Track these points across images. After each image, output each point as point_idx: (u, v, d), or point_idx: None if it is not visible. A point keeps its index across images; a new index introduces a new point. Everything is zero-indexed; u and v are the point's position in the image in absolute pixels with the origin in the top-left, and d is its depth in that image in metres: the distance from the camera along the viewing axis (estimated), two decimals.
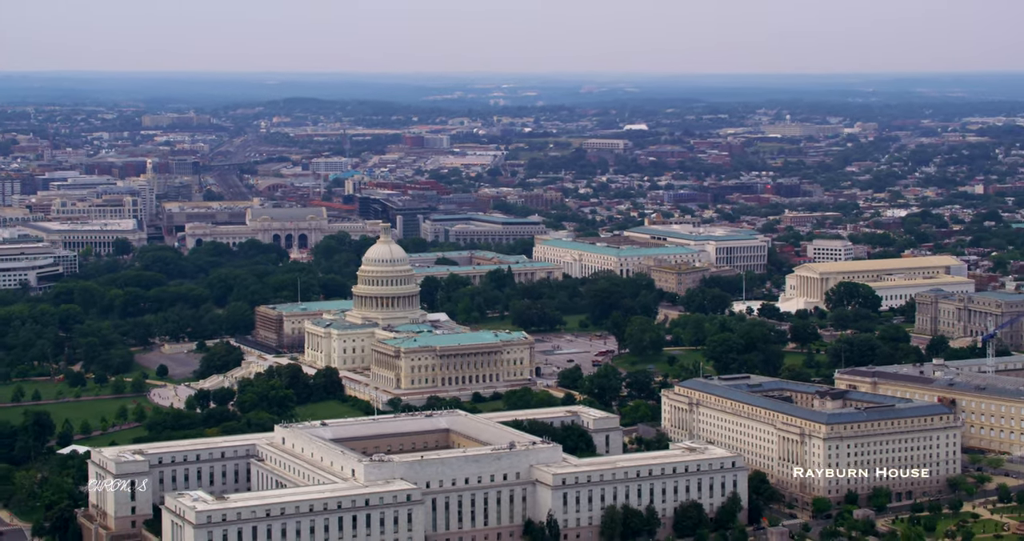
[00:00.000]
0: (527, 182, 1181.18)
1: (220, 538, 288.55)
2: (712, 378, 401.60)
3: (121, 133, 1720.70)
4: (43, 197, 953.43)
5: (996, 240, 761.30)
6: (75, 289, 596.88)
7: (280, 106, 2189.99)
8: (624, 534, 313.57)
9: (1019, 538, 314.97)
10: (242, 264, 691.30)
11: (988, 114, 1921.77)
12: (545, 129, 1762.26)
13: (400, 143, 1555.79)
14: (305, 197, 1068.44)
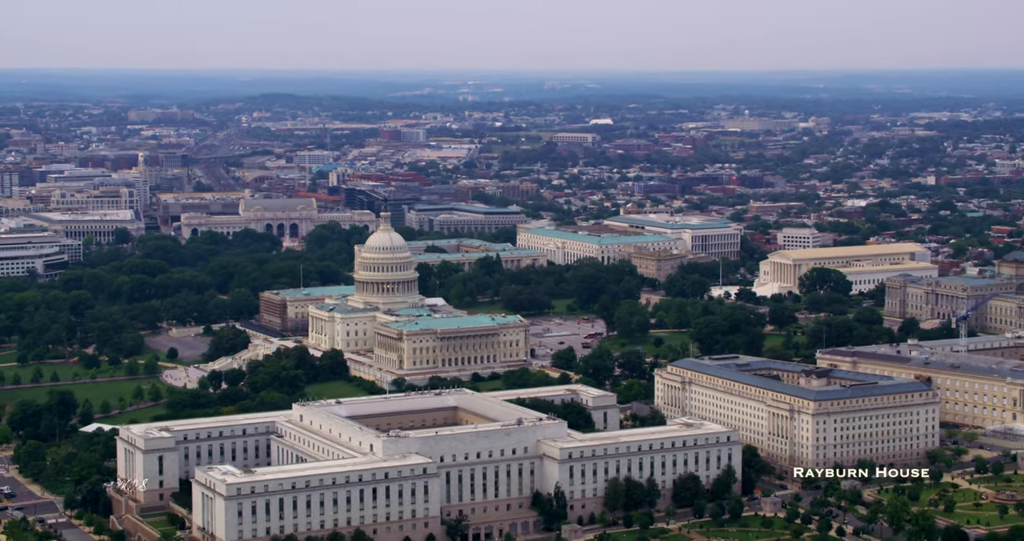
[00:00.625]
0: (502, 174, 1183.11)
1: (249, 509, 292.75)
2: (703, 358, 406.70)
3: (108, 128, 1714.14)
4: (42, 189, 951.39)
5: (954, 228, 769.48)
6: (83, 276, 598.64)
7: (259, 101, 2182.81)
8: (627, 505, 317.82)
9: (997, 507, 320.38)
10: (239, 252, 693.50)
11: (933, 109, 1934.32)
12: (515, 123, 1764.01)
13: (378, 137, 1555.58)
14: (291, 189, 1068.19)
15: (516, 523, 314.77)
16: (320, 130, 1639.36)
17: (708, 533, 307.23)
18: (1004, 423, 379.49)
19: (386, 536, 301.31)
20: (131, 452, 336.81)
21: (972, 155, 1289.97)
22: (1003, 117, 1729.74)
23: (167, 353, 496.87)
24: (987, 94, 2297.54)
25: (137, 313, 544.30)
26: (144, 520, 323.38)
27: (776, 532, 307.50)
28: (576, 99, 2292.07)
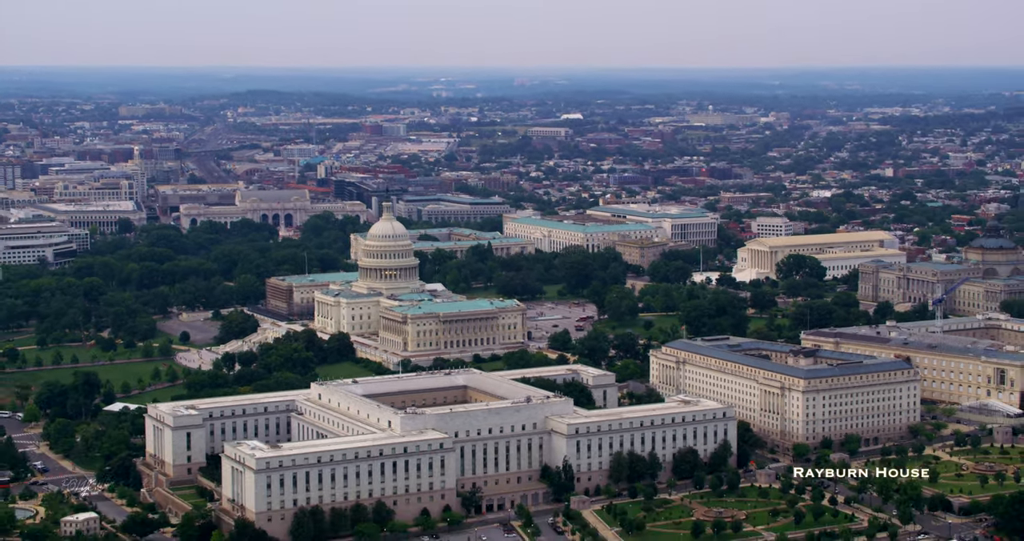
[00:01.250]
0: (482, 166, 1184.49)
1: (277, 482, 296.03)
2: (695, 339, 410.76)
3: (100, 123, 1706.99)
4: (45, 181, 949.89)
5: (917, 217, 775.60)
6: (94, 264, 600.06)
7: (243, 97, 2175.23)
8: (630, 477, 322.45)
9: (978, 477, 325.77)
10: (239, 241, 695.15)
11: (885, 105, 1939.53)
12: (489, 118, 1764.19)
13: (360, 131, 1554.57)
14: (281, 181, 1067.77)
15: (527, 495, 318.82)
16: (304, 125, 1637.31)
17: (708, 503, 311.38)
18: (979, 399, 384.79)
19: (405, 507, 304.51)
20: (160, 429, 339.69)
21: (926, 148, 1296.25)
22: (952, 112, 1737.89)
23: (179, 336, 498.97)
24: (936, 91, 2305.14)
25: (148, 299, 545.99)
26: (174, 493, 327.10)
27: (772, 502, 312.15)
28: (546, 95, 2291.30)
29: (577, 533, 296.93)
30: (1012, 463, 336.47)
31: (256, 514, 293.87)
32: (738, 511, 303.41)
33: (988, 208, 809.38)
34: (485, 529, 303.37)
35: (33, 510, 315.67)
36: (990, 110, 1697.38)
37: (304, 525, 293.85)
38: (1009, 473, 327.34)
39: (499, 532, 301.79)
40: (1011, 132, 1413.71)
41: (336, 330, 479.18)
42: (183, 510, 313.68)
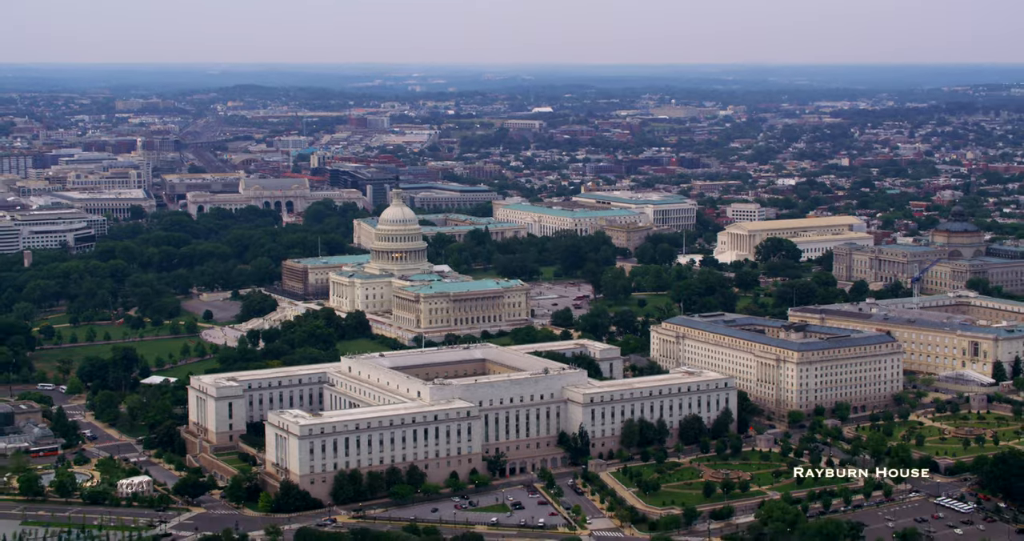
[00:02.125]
0: (464, 157, 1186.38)
1: (319, 447, 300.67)
2: (693, 316, 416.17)
3: (99, 116, 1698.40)
4: (58, 171, 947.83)
5: (878, 203, 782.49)
6: (116, 248, 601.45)
7: (231, 92, 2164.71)
8: (640, 442, 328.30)
9: (959, 440, 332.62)
10: (248, 227, 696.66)
11: (834, 99, 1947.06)
12: (465, 112, 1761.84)
13: (346, 124, 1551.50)
14: (277, 170, 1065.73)
15: (546, 459, 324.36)
16: (292, 118, 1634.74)
17: (715, 466, 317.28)
18: (955, 370, 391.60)
19: (436, 470, 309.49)
20: (203, 399, 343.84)
21: (877, 140, 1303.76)
22: (896, 106, 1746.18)
23: (203, 315, 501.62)
24: (879, 86, 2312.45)
25: (169, 280, 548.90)
26: (218, 458, 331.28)
27: (774, 464, 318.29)
28: (515, 89, 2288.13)
29: (596, 494, 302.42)
30: (989, 427, 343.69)
31: (300, 477, 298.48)
32: (743, 473, 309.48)
33: (943, 195, 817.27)
34: (510, 490, 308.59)
35: (89, 474, 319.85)
36: (931, 104, 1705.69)
37: (344, 487, 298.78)
38: (988, 437, 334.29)
39: (524, 493, 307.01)
40: (954, 125, 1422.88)
41: (351, 308, 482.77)
42: (228, 474, 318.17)
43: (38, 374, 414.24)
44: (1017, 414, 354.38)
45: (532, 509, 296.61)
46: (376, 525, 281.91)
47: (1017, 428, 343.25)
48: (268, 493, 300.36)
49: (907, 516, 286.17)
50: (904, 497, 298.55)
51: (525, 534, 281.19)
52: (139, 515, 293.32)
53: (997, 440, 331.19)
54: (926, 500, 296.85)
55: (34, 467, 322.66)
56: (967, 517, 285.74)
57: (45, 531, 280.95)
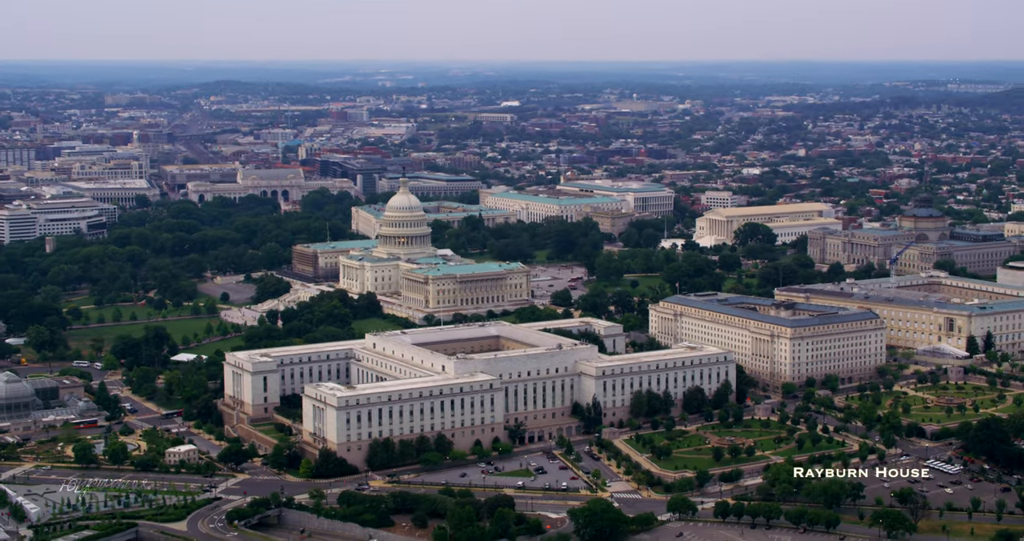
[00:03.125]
0: (443, 148, 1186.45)
1: (355, 417, 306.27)
2: (689, 295, 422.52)
3: (89, 110, 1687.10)
4: (63, 162, 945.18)
5: (841, 191, 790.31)
6: (131, 234, 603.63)
7: (212, 87, 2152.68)
8: (648, 412, 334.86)
9: (942, 408, 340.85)
10: (249, 214, 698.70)
11: (783, 94, 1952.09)
12: (437, 106, 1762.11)
13: (327, 117, 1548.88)
14: (267, 161, 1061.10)
15: (562, 428, 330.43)
16: (275, 112, 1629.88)
17: (719, 433, 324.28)
18: (932, 344, 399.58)
19: (462, 439, 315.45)
20: (239, 374, 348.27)
21: (829, 132, 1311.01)
22: (842, 101, 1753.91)
23: (220, 297, 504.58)
24: (824, 82, 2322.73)
25: (184, 264, 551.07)
26: (255, 428, 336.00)
27: (774, 431, 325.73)
28: (481, 84, 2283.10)
29: (612, 459, 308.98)
30: (967, 397, 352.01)
31: (338, 445, 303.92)
32: (746, 439, 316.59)
33: (900, 183, 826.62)
34: (532, 456, 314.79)
35: (135, 443, 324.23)
36: (875, 99, 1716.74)
37: (378, 454, 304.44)
38: (968, 405, 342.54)
39: (544, 459, 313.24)
40: (900, 118, 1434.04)
41: (361, 290, 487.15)
42: (266, 443, 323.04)
43: (73, 352, 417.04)
44: (992, 384, 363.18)
45: (554, 473, 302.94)
46: (410, 489, 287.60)
47: (993, 397, 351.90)
48: (308, 460, 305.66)
49: (901, 477, 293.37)
50: (896, 460, 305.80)
51: (550, 496, 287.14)
52: (188, 481, 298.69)
53: (977, 408, 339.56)
54: (916, 463, 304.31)
55: (83, 437, 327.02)
56: (955, 478, 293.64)
57: (104, 495, 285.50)
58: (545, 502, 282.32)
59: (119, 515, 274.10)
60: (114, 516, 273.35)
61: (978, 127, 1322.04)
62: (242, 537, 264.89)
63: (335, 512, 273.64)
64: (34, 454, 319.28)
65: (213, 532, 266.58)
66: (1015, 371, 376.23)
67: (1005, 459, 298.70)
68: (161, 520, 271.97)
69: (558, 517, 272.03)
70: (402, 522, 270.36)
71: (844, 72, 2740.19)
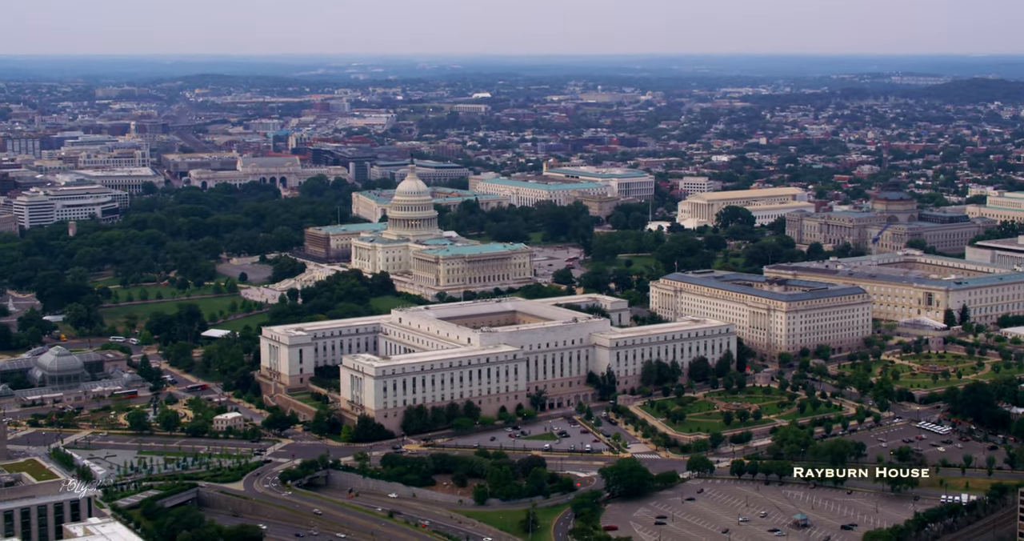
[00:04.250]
0: (424, 137, 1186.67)
1: (391, 386, 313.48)
2: (687, 272, 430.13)
3: (81, 102, 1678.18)
4: (69, 151, 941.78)
5: (808, 176, 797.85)
6: (148, 219, 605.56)
7: (195, 80, 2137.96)
8: (657, 380, 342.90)
9: (927, 375, 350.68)
10: (253, 200, 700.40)
11: (736, 86, 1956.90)
12: (414, 97, 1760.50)
13: (311, 108, 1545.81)
14: (259, 150, 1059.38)
15: (579, 395, 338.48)
16: (260, 103, 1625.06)
17: (725, 399, 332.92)
18: (912, 317, 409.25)
19: (488, 405, 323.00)
20: (275, 347, 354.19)
21: (787, 121, 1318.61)
22: (793, 92, 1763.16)
23: (239, 277, 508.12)
24: (773, 74, 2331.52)
25: (202, 247, 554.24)
26: (293, 398, 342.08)
27: (775, 397, 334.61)
28: (449, 77, 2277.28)
29: (629, 424, 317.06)
30: (949, 364, 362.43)
31: (375, 411, 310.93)
32: (751, 404, 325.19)
33: (862, 169, 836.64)
34: (554, 421, 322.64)
35: (182, 412, 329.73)
36: (824, 90, 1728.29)
37: (412, 419, 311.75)
38: (951, 372, 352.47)
39: (565, 423, 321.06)
40: (851, 108, 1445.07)
41: (373, 270, 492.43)
42: (303, 411, 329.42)
43: (109, 329, 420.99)
44: (970, 353, 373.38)
45: (576, 437, 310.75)
46: (447, 451, 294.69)
47: (972, 364, 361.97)
48: (348, 426, 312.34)
49: (896, 438, 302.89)
50: (890, 422, 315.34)
51: (576, 458, 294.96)
52: (237, 446, 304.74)
53: (960, 375, 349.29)
54: (909, 425, 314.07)
55: (133, 406, 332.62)
56: (945, 437, 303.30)
57: (163, 459, 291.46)
58: (572, 462, 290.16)
59: (179, 477, 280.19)
60: (175, 478, 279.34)
61: (924, 117, 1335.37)
62: (296, 496, 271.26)
63: (379, 473, 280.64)
64: (89, 422, 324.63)
65: (268, 491, 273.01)
66: (990, 341, 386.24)
67: (990, 420, 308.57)
68: (219, 481, 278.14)
69: (586, 476, 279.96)
70: (442, 481, 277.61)
71: (792, 65, 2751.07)
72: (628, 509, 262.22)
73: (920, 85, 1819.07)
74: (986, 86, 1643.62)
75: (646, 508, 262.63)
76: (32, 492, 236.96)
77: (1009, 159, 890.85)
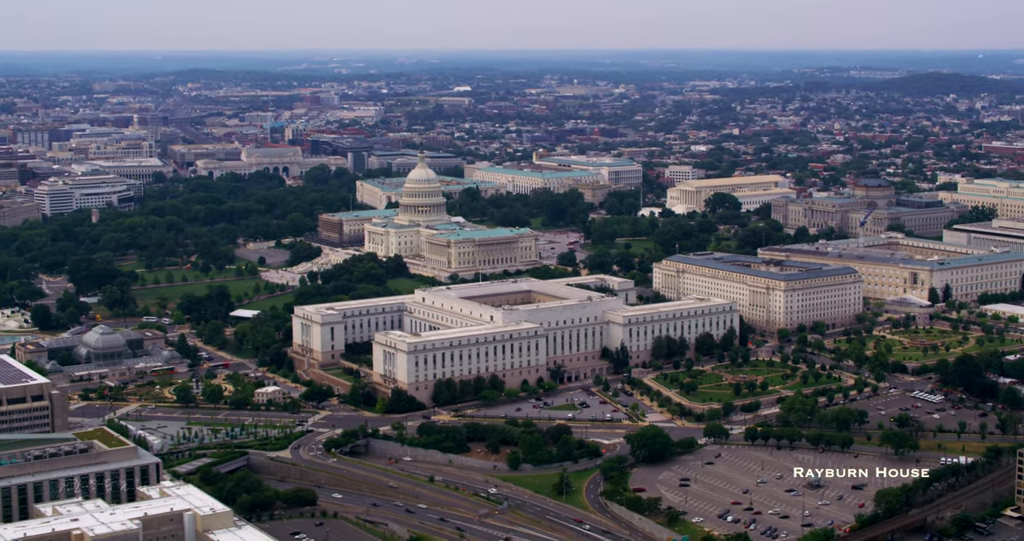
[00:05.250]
0: (413, 128, 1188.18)
1: (422, 360, 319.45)
2: (688, 254, 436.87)
3: (80, 97, 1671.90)
4: (79, 143, 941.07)
5: (785, 165, 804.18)
6: (166, 206, 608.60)
7: (187, 75, 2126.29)
8: (667, 354, 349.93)
9: (917, 349, 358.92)
10: (261, 189, 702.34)
11: (704, 79, 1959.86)
12: (399, 90, 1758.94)
13: (302, 101, 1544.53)
14: (256, 141, 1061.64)
15: (594, 369, 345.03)
16: (252, 97, 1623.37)
17: (732, 371, 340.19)
18: (899, 295, 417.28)
19: (512, 379, 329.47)
20: (307, 325, 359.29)
21: (756, 113, 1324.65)
22: (758, 86, 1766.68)
23: (257, 261, 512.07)
24: (737, 68, 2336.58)
25: (219, 232, 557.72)
26: (326, 372, 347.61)
27: (778, 369, 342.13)
28: (428, 71, 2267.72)
29: (644, 395, 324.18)
30: (935, 339, 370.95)
31: (408, 384, 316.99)
32: (756, 376, 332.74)
33: (836, 158, 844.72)
34: (573, 393, 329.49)
35: (222, 386, 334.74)
36: (788, 84, 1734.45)
37: (442, 392, 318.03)
38: (939, 345, 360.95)
39: (584, 395, 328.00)
40: (816, 101, 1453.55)
41: (386, 254, 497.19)
42: (337, 385, 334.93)
43: (142, 309, 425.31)
44: (955, 328, 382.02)
45: (596, 408, 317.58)
46: (475, 421, 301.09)
47: (958, 339, 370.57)
48: (382, 398, 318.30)
49: (893, 406, 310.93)
50: (886, 392, 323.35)
51: (598, 426, 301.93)
52: (278, 417, 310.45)
53: (948, 348, 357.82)
54: (904, 394, 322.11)
55: (176, 381, 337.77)
56: (939, 405, 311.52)
57: (209, 429, 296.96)
58: (595, 431, 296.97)
59: (229, 446, 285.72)
60: (226, 446, 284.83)
61: (886, 109, 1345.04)
62: (341, 462, 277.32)
63: (416, 441, 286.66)
64: (136, 395, 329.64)
65: (314, 458, 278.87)
66: (972, 317, 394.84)
67: (979, 390, 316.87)
68: (267, 449, 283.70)
69: (610, 443, 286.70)
70: (476, 448, 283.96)
71: (754, 60, 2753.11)
72: (653, 473, 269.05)
73: (878, 79, 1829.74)
74: (941, 79, 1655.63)
75: (669, 471, 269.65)
76: (106, 458, 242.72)
77: (971, 149, 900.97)
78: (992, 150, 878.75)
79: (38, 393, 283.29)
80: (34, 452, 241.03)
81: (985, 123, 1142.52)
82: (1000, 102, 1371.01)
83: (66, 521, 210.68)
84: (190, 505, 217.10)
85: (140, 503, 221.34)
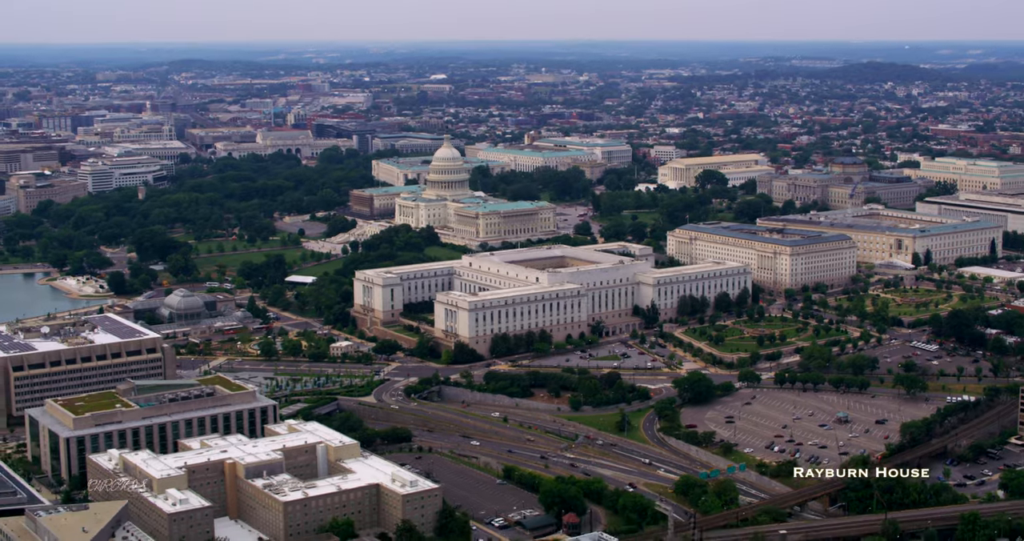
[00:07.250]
0: (403, 113, 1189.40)
1: (481, 317, 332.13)
2: (699, 224, 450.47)
3: (85, 86, 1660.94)
4: (104, 128, 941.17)
5: (757, 145, 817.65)
6: (203, 184, 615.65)
7: (179, 65, 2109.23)
8: (691, 311, 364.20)
9: (910, 305, 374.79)
10: (283, 168, 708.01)
11: (658, 68, 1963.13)
12: (377, 79, 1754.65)
13: (295, 89, 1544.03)
14: (261, 125, 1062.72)
15: (628, 324, 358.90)
16: (246, 85, 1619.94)
17: (751, 326, 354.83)
18: (886, 259, 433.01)
19: (558, 333, 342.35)
20: (369, 287, 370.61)
21: (716, 98, 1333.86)
22: (708, 74, 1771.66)
23: (298, 232, 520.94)
24: (687, 58, 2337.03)
25: (257, 207, 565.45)
26: (388, 329, 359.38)
27: (791, 324, 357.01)
28: (404, 61, 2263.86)
29: (677, 346, 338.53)
30: (923, 297, 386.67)
31: (469, 338, 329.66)
32: (773, 330, 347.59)
33: (801, 139, 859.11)
34: (613, 346, 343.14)
35: (297, 342, 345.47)
36: (736, 72, 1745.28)
37: (498, 345, 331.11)
38: (928, 302, 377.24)
39: (623, 347, 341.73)
40: (769, 87, 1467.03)
41: (416, 225, 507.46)
42: (401, 339, 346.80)
43: (204, 276, 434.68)
44: (939, 288, 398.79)
45: (636, 358, 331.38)
46: (532, 369, 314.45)
47: (943, 296, 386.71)
48: (446, 350, 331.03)
49: (896, 354, 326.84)
50: (888, 342, 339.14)
51: (642, 373, 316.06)
52: (355, 367, 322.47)
53: (937, 304, 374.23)
54: (903, 344, 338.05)
55: (254, 338, 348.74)
56: (936, 354, 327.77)
57: (298, 379, 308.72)
58: (640, 377, 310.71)
59: (320, 392, 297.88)
60: (317, 393, 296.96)
61: (832, 95, 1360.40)
62: (421, 405, 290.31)
63: (484, 387, 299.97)
64: (222, 350, 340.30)
65: (396, 402, 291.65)
66: (952, 278, 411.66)
67: (970, 339, 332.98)
68: (353, 395, 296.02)
69: (656, 387, 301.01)
70: (539, 394, 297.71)
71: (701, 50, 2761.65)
72: (699, 412, 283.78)
73: (820, 68, 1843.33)
74: (879, 69, 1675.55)
75: (714, 411, 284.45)
76: (229, 400, 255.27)
77: (919, 130, 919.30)
78: (939, 132, 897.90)
79: (152, 346, 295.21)
80: (168, 396, 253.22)
81: (924, 108, 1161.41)
82: (934, 89, 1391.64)
83: (217, 452, 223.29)
84: (320, 438, 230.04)
85: (275, 438, 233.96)
